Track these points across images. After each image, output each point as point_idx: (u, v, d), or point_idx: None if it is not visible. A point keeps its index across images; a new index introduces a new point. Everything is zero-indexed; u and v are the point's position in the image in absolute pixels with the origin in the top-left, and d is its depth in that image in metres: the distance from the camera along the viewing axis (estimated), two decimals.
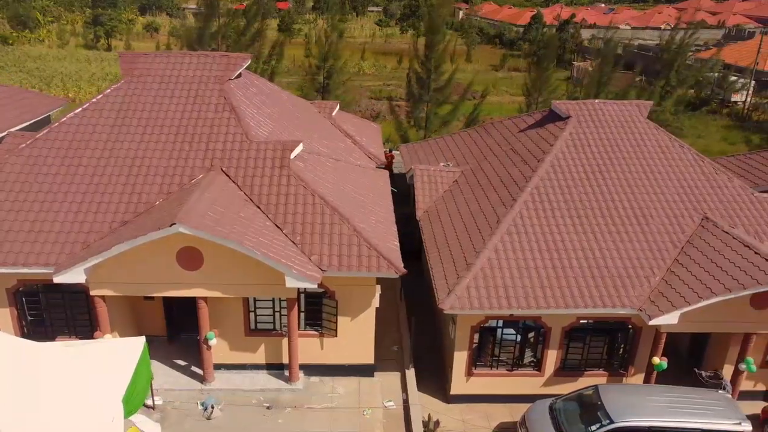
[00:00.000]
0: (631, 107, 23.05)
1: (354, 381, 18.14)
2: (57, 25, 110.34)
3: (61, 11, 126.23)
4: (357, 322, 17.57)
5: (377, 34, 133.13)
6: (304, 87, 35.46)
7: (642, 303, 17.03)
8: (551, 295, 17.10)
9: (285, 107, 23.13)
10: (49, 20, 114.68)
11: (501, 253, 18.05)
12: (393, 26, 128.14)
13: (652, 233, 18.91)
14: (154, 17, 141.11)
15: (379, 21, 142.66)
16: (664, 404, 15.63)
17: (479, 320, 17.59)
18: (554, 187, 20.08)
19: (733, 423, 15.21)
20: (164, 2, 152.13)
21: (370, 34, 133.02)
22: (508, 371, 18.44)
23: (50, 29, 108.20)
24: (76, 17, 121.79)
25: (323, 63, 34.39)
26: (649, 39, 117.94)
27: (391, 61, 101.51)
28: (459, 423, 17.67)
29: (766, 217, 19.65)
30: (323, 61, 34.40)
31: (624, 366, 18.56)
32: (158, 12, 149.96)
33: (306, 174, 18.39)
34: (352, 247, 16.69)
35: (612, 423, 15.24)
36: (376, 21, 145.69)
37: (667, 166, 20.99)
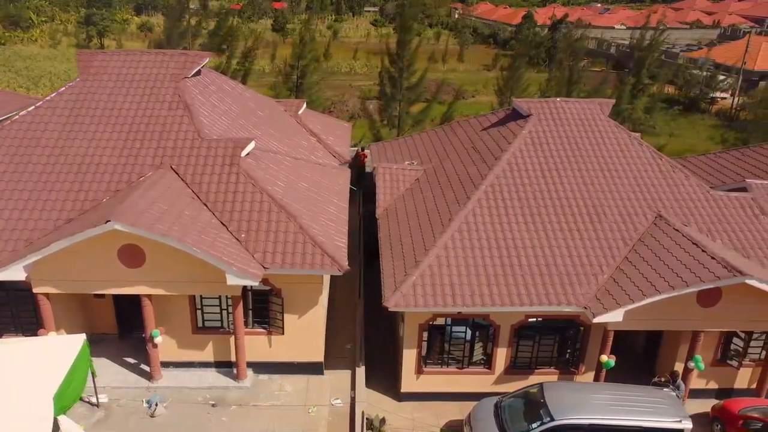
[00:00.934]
0: (592, 105, 23.02)
1: (303, 379, 18.13)
2: (50, 25, 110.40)
3: (56, 11, 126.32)
4: (305, 320, 17.57)
5: (372, 33, 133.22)
6: (276, 86, 35.47)
7: (588, 301, 17.00)
8: (497, 293, 17.07)
9: (246, 105, 23.13)
10: (43, 20, 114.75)
11: (450, 250, 18.03)
12: (388, 26, 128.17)
13: (604, 231, 18.89)
14: (150, 17, 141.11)
15: (374, 21, 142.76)
16: (606, 402, 15.61)
17: (427, 318, 17.57)
18: (509, 185, 20.05)
19: (674, 421, 15.19)
20: (160, 2, 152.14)
21: (365, 34, 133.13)
22: (459, 369, 18.42)
23: (43, 29, 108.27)
24: (69, 17, 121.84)
25: (297, 62, 34.37)
26: None
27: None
28: (408, 421, 17.64)
29: (720, 215, 19.61)
30: (297, 60, 34.38)
31: (575, 364, 18.53)
32: (154, 12, 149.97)
33: (256, 172, 18.37)
34: (297, 244, 16.68)
35: (552, 420, 15.23)
36: (371, 21, 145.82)
37: (625, 164, 20.96)
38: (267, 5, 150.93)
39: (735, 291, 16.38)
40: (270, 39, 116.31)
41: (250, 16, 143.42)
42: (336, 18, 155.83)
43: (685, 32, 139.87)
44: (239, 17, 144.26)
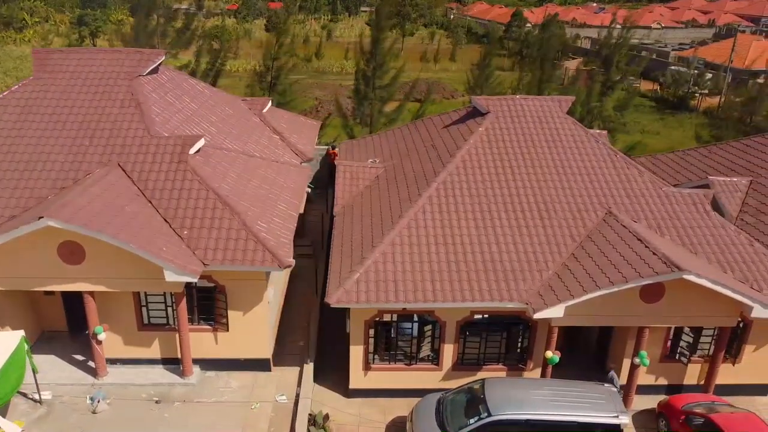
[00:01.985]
0: (551, 102, 23.04)
1: (250, 376, 18.18)
2: (43, 26, 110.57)
3: (51, 12, 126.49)
4: (249, 317, 17.61)
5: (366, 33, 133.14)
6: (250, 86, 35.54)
7: (531, 297, 17.02)
8: (440, 289, 17.10)
9: (205, 104, 23.16)
10: (36, 21, 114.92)
11: (397, 247, 18.06)
12: None
13: (552, 227, 18.91)
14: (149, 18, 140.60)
15: (369, 21, 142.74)
16: (544, 398, 15.64)
17: (372, 314, 17.60)
18: (461, 182, 20.08)
19: (611, 416, 15.21)
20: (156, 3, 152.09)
21: (359, 34, 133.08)
22: (407, 365, 18.44)
23: (37, 30, 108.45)
24: (64, 18, 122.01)
25: (271, 63, 34.39)
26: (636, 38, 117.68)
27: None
28: (354, 417, 17.68)
29: (671, 212, 19.61)
30: (272, 60, 34.41)
31: (523, 360, 18.55)
32: None
33: (204, 169, 18.42)
34: (239, 241, 16.72)
35: (490, 416, 15.27)
36: (366, 21, 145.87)
37: (579, 161, 20.98)
38: (263, 5, 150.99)
39: (678, 287, 16.38)
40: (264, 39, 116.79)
41: (245, 16, 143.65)
42: (332, 18, 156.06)
43: (680, 31, 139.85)
44: (234, 17, 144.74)
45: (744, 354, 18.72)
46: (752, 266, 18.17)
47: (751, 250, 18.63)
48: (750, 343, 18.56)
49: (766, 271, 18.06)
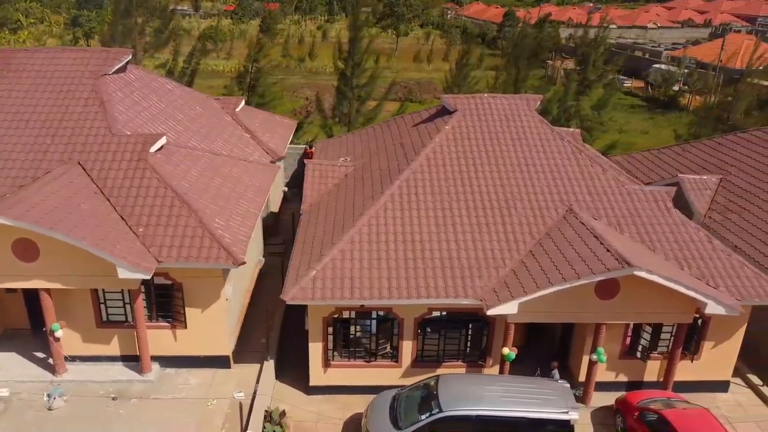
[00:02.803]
0: (520, 101, 23.12)
1: (210, 372, 18.27)
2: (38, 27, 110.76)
3: (47, 12, 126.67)
4: (207, 314, 17.69)
5: None
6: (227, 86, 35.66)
7: (486, 293, 17.08)
8: (397, 286, 17.18)
9: (173, 103, 23.26)
10: (31, 22, 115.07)
11: (356, 244, 18.13)
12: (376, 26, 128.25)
13: (512, 225, 18.98)
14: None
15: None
16: (496, 394, 15.71)
17: (330, 311, 17.67)
18: (425, 180, 20.15)
19: (561, 411, 15.29)
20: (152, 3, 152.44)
21: None
22: (366, 362, 18.51)
23: (32, 31, 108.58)
24: (59, 18, 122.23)
25: (251, 64, 34.49)
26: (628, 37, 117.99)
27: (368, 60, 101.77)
28: (313, 414, 17.74)
29: (632, 209, 19.66)
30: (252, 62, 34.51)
31: (482, 357, 18.61)
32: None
33: (165, 167, 18.50)
34: (195, 238, 16.80)
35: (441, 412, 15.36)
36: None
37: (543, 158, 21.05)
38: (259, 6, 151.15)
39: (633, 284, 16.44)
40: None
41: (241, 17, 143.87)
42: (328, 18, 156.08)
43: (676, 31, 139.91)
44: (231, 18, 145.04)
45: (703, 351, 18.77)
46: (710, 263, 18.23)
47: (709, 247, 18.69)
48: (709, 340, 18.60)
49: (723, 268, 18.11)
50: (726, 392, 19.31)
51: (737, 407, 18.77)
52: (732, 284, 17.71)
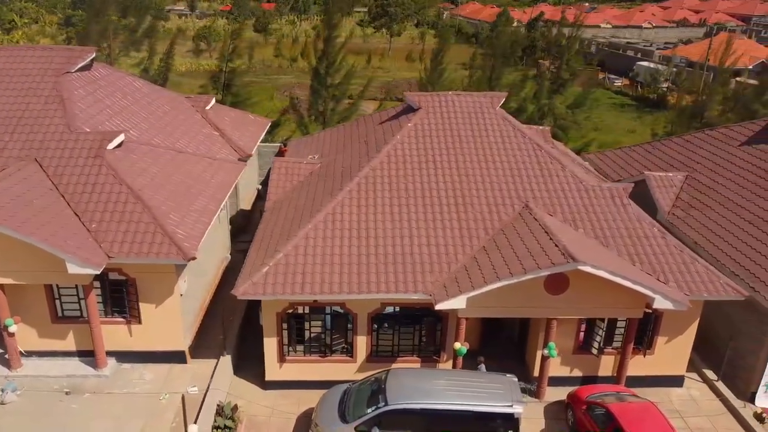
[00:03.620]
0: (484, 99, 23.24)
1: (165, 368, 18.42)
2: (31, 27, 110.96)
3: (42, 13, 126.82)
4: (162, 309, 17.84)
5: (355, 33, 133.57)
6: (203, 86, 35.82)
7: (436, 288, 17.22)
8: (348, 281, 17.32)
9: (139, 101, 23.41)
10: (25, 22, 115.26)
11: (311, 240, 18.28)
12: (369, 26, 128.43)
13: (467, 221, 19.12)
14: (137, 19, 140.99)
15: (360, 21, 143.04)
16: (442, 388, 15.84)
17: (284, 306, 17.82)
18: (384, 176, 20.29)
19: (505, 405, 15.41)
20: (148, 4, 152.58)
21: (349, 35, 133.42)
22: (322, 357, 18.66)
23: (25, 31, 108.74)
24: (53, 18, 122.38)
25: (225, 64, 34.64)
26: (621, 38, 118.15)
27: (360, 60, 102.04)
28: (267, 409, 17.87)
29: (589, 205, 19.79)
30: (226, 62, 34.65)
31: (436, 352, 18.75)
32: None
33: (122, 164, 18.65)
34: (147, 234, 16.95)
35: (387, 405, 15.50)
36: (357, 21, 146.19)
37: (503, 155, 21.19)
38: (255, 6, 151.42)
39: (582, 279, 16.59)
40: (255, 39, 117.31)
41: (236, 17, 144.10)
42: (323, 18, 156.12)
43: (671, 31, 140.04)
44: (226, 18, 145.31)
45: (656, 346, 18.90)
46: (662, 258, 18.36)
47: (662, 242, 18.82)
48: (662, 335, 18.74)
49: (675, 264, 18.25)
50: (681, 387, 19.44)
51: (690, 401, 18.91)
52: (682, 279, 17.85)
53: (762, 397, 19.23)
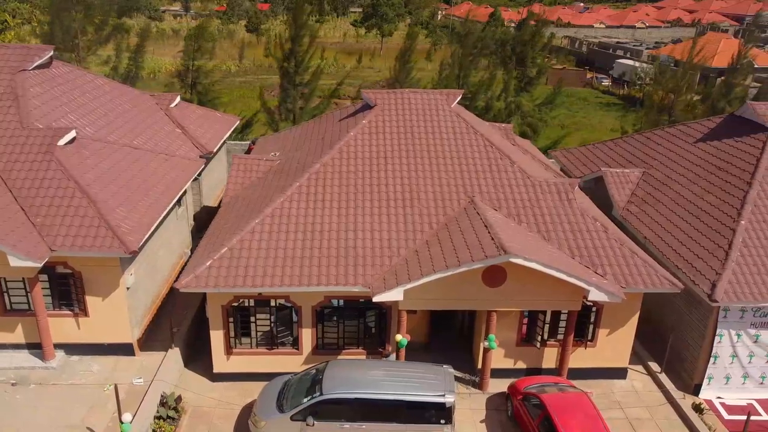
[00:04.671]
0: (439, 96, 23.56)
1: (113, 360, 18.72)
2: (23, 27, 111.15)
3: (36, 13, 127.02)
4: (108, 302, 18.15)
5: (349, 34, 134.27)
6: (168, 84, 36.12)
7: (376, 281, 17.52)
8: (290, 274, 17.62)
9: (99, 98, 23.70)
10: (18, 22, 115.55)
11: (257, 234, 18.57)
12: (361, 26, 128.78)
13: (413, 215, 19.42)
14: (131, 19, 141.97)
15: (354, 22, 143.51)
16: (378, 378, 16.15)
17: (229, 299, 18.12)
18: (334, 172, 20.58)
19: (437, 395, 15.71)
20: (143, 4, 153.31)
21: (342, 35, 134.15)
22: (268, 350, 18.95)
23: (18, 32, 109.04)
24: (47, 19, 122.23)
25: (191, 62, 34.91)
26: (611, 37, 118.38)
27: (352, 60, 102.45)
28: (213, 401, 18.17)
29: (534, 200, 20.07)
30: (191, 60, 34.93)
31: (381, 344, 19.05)
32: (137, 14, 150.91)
33: (72, 160, 18.96)
34: (91, 228, 17.25)
35: (321, 395, 15.79)
36: (351, 22, 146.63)
37: (454, 151, 21.48)
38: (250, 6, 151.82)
39: (518, 271, 16.90)
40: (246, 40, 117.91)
41: (230, 17, 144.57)
42: (318, 19, 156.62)
43: (664, 31, 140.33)
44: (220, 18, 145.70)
45: (598, 338, 19.19)
46: (601, 252, 18.65)
47: (604, 236, 19.11)
48: (603, 328, 19.02)
49: (614, 257, 18.55)
50: (624, 379, 19.73)
51: (632, 393, 19.20)
52: (620, 272, 18.14)
53: (706, 389, 19.53)
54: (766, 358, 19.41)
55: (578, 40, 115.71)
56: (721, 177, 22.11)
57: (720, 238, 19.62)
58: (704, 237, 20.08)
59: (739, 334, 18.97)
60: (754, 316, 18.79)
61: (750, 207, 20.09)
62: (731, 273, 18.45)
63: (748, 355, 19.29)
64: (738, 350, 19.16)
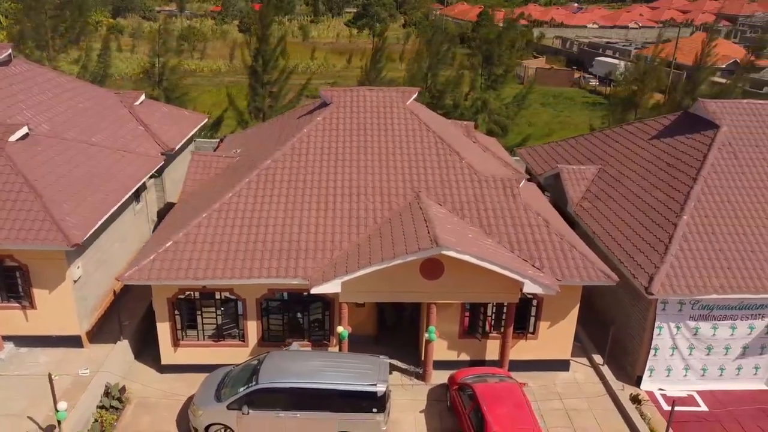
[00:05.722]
0: (395, 94, 23.88)
1: (62, 351, 19.06)
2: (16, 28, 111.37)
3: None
4: (55, 295, 18.49)
5: (342, 34, 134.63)
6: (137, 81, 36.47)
7: (316, 273, 17.86)
8: (232, 267, 17.98)
9: (59, 96, 24.07)
10: (11, 22, 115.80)
11: (203, 229, 18.93)
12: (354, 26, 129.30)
13: (359, 210, 19.77)
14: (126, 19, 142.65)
15: (348, 22, 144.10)
16: (313, 368, 16.49)
17: (174, 292, 18.49)
18: (284, 168, 20.92)
19: (369, 384, 16.05)
20: (137, 4, 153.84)
21: (335, 35, 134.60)
22: (215, 342, 19.30)
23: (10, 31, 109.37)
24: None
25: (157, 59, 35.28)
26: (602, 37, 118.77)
27: (342, 60, 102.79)
28: (159, 392, 18.51)
29: (479, 196, 20.40)
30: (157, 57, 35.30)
31: (326, 336, 19.40)
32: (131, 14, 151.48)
33: (23, 155, 19.32)
34: (36, 221, 17.60)
35: (257, 384, 16.15)
36: (345, 22, 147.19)
37: (405, 148, 21.81)
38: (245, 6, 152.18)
39: (455, 264, 17.23)
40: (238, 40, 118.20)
41: (224, 17, 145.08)
42: (313, 19, 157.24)
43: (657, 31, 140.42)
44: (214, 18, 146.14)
45: (540, 331, 19.52)
46: (541, 245, 18.99)
47: (545, 230, 19.44)
48: (544, 320, 19.36)
49: (553, 251, 18.88)
50: (567, 371, 20.06)
51: (573, 384, 19.54)
52: (558, 266, 18.48)
53: (647, 380, 19.87)
54: (706, 350, 19.71)
55: (569, 40, 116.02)
56: (670, 173, 22.45)
57: (662, 232, 19.96)
58: (648, 231, 20.42)
59: (679, 327, 19.28)
60: (692, 309, 19.11)
61: (693, 203, 20.42)
62: (669, 267, 18.78)
63: (689, 347, 19.61)
64: (678, 343, 19.48)
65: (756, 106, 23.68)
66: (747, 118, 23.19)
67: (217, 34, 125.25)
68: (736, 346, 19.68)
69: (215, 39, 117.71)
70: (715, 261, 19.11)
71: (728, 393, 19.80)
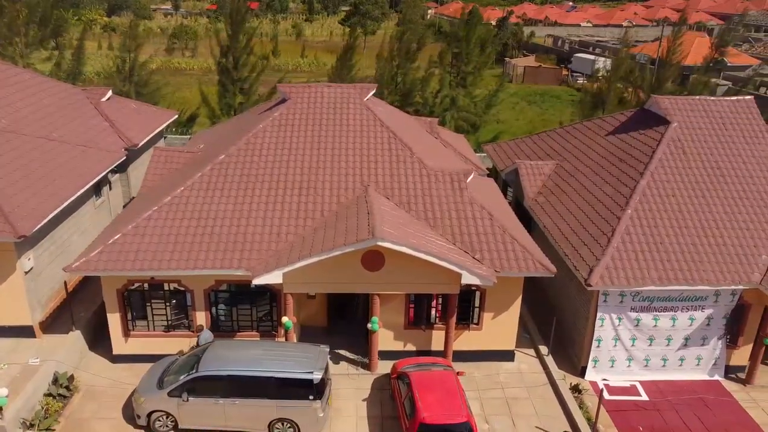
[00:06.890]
0: (353, 90, 24.23)
1: (14, 341, 19.47)
2: None
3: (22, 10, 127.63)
4: (6, 285, 18.88)
5: (336, 32, 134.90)
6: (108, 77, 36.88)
7: (259, 265, 18.25)
8: (178, 259, 18.37)
9: (21, 92, 24.44)
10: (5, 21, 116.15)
11: (152, 221, 19.33)
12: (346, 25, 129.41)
13: (307, 203, 20.15)
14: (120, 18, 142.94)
15: (340, 20, 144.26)
16: (253, 357, 16.89)
17: (123, 283, 18.89)
18: (237, 163, 21.30)
19: (306, 372, 16.46)
20: (132, 3, 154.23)
21: (329, 34, 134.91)
22: (165, 332, 19.70)
23: None
24: None
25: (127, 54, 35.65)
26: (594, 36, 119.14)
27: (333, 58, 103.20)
28: (110, 381, 18.89)
29: (427, 189, 20.75)
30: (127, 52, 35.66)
31: (274, 327, 19.80)
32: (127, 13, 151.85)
33: None
34: None
35: (197, 372, 16.56)
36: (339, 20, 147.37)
37: (358, 143, 22.18)
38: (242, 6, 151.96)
39: (396, 256, 17.61)
40: None
41: (217, 16, 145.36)
42: (307, 17, 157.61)
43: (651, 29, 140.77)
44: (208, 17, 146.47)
45: (484, 322, 19.91)
46: (483, 238, 19.36)
47: (488, 223, 19.81)
48: (488, 311, 19.75)
49: (494, 243, 19.25)
50: (512, 361, 20.45)
51: (516, 374, 19.93)
52: (498, 258, 18.85)
53: (591, 371, 20.26)
54: (648, 341, 20.10)
55: (561, 38, 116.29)
56: (620, 168, 22.83)
57: (606, 225, 20.35)
58: (593, 225, 20.82)
59: (620, 318, 19.66)
60: (633, 301, 19.50)
61: (638, 197, 20.80)
62: (610, 259, 19.16)
63: (631, 338, 19.99)
64: (620, 333, 19.86)
65: (707, 102, 24.03)
66: (697, 115, 23.55)
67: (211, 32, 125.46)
68: (678, 337, 20.05)
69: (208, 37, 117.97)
70: (655, 254, 19.48)
71: (671, 383, 20.18)
